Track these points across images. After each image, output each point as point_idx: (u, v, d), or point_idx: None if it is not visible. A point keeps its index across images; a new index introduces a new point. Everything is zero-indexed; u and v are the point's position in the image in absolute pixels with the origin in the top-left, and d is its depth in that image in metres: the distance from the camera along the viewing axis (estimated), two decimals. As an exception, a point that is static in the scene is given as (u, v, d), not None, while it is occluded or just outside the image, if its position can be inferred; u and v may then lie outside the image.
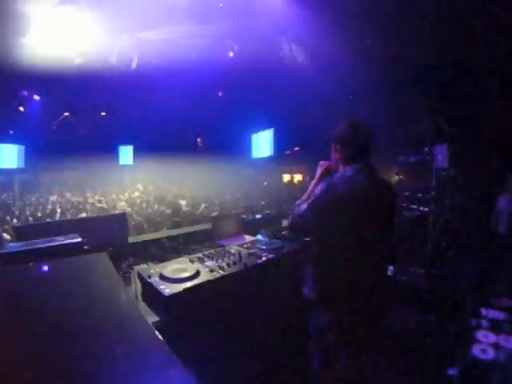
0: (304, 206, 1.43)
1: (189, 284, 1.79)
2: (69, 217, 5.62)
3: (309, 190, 1.55)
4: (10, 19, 4.64)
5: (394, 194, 1.57)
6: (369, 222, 1.38)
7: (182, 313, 1.69)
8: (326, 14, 5.22)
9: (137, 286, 1.98)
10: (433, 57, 4.68)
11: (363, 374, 1.53)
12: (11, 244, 2.24)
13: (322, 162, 1.59)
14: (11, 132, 7.81)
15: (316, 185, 1.50)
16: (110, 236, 2.69)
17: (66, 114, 8.81)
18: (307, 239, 1.70)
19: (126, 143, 11.38)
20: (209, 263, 2.14)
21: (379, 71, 5.38)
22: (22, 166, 7.87)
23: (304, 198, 1.54)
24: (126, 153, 11.14)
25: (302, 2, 5.39)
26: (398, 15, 4.74)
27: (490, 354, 1.21)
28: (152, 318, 1.68)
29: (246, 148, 10.31)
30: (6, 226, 4.68)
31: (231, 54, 6.89)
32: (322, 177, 1.55)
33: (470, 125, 4.31)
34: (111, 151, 10.75)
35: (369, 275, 1.42)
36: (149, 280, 1.83)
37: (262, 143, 9.66)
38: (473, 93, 4.34)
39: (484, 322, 1.43)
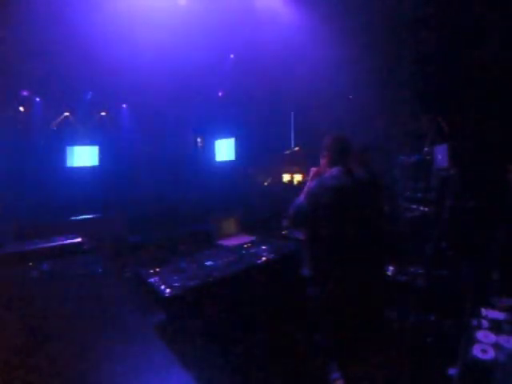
0: (301, 199, 1.83)
1: (189, 284, 1.79)
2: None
3: (304, 190, 1.92)
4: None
5: (378, 188, 1.97)
6: (353, 211, 1.72)
7: (182, 313, 1.69)
8: (325, 15, 5.23)
9: (137, 286, 1.98)
10: (434, 56, 4.68)
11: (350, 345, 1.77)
12: (11, 244, 2.24)
13: (312, 168, 2.00)
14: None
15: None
16: (111, 236, 2.69)
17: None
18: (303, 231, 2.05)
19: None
20: (209, 263, 2.14)
21: (379, 71, 5.37)
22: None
23: (300, 196, 1.91)
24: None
25: (300, 5, 5.40)
26: (397, 14, 4.75)
27: (490, 353, 1.21)
28: (152, 318, 1.68)
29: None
30: None
31: (231, 56, 6.92)
32: (313, 178, 1.95)
33: (470, 125, 4.31)
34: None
35: (355, 257, 1.70)
36: (149, 280, 1.83)
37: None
38: (473, 92, 4.34)
39: (484, 322, 1.43)
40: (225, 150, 9.96)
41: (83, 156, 8.86)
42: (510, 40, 3.89)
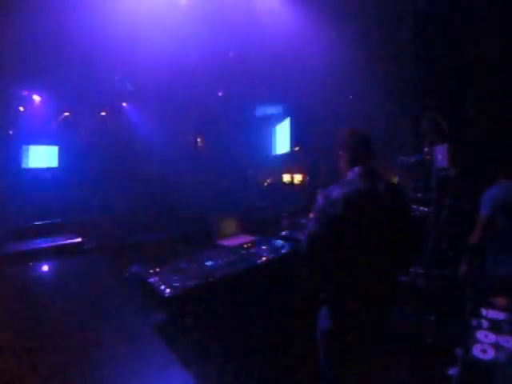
0: (309, 223, 1.49)
1: (189, 284, 1.79)
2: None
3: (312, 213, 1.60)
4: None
5: (399, 197, 1.55)
6: (365, 223, 1.41)
7: (182, 313, 1.69)
8: (326, 14, 5.23)
9: (137, 286, 1.98)
10: (433, 56, 4.68)
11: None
12: (11, 244, 2.24)
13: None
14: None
15: None
16: (110, 236, 2.69)
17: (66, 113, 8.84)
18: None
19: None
20: (209, 263, 2.14)
21: (379, 71, 5.38)
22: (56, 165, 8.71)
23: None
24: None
25: (301, 5, 5.41)
26: (397, 14, 4.75)
27: (490, 353, 1.21)
28: (152, 318, 1.68)
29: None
30: None
31: (230, 54, 6.93)
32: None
33: (470, 125, 4.31)
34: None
35: (368, 276, 1.44)
36: (149, 280, 1.83)
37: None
38: (473, 92, 4.34)
39: (484, 322, 1.43)
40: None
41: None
42: (511, 40, 3.89)
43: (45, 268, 1.62)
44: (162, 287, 1.73)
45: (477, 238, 2.32)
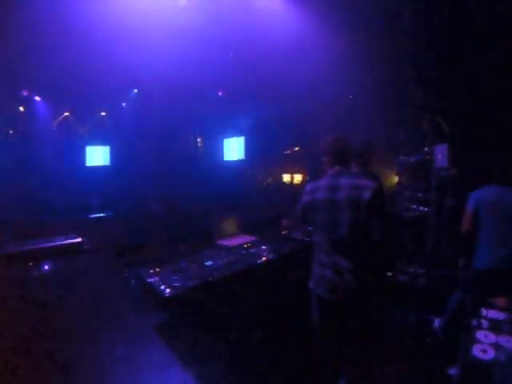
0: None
1: (189, 284, 1.79)
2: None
3: None
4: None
5: (362, 192, 1.63)
6: (324, 212, 1.67)
7: (182, 313, 1.69)
8: (326, 15, 5.24)
9: (137, 286, 1.98)
10: (433, 56, 4.68)
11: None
12: (11, 244, 2.24)
13: None
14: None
15: None
16: (111, 236, 2.69)
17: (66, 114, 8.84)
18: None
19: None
20: (209, 263, 2.14)
21: (380, 71, 5.38)
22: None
23: None
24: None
25: (301, 4, 5.41)
26: (397, 14, 4.76)
27: (490, 353, 1.21)
28: (152, 318, 1.68)
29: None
30: None
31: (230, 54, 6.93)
32: None
33: (470, 125, 4.31)
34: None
35: (328, 259, 1.64)
36: (149, 280, 1.83)
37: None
38: (473, 92, 4.34)
39: (484, 322, 1.43)
40: (235, 149, 9.88)
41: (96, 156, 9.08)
42: (509, 42, 3.89)
43: (45, 268, 1.62)
44: (162, 287, 1.73)
45: (465, 227, 2.46)
